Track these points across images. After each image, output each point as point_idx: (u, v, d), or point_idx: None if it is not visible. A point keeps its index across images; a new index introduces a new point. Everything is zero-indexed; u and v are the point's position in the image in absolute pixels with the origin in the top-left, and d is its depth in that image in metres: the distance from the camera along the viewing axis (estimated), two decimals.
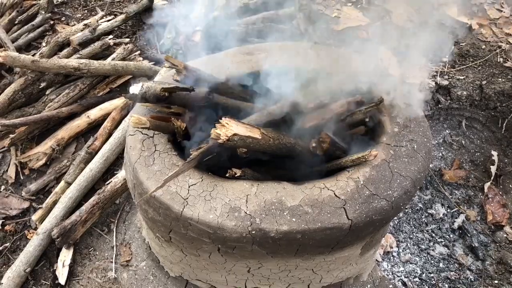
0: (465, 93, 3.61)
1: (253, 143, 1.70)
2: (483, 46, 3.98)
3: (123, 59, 3.84)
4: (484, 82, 3.62)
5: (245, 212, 1.69)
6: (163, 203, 1.75)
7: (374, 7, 4.29)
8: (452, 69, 3.78)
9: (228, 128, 1.62)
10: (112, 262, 2.70)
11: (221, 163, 1.92)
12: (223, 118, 1.64)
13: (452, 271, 2.96)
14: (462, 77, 3.69)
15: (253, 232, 1.66)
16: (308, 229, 1.67)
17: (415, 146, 1.96)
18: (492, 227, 3.25)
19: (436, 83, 3.63)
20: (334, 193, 1.77)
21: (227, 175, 1.84)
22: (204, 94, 2.06)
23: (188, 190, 1.77)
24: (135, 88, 1.84)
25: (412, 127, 2.05)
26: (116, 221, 2.92)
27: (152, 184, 1.79)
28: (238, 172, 1.82)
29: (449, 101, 3.64)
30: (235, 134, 1.62)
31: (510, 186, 3.44)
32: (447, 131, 3.75)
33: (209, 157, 1.84)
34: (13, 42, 3.94)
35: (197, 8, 3.95)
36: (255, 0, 4.19)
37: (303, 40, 3.64)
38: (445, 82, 3.64)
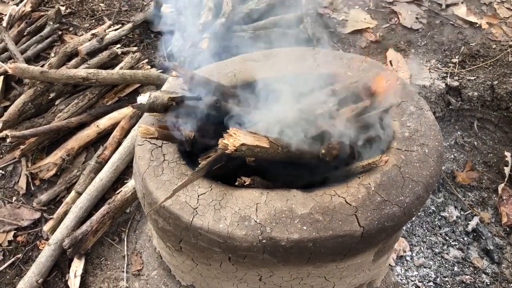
0: (476, 93, 3.57)
1: (262, 152, 1.68)
2: (494, 46, 3.93)
3: (131, 67, 3.85)
4: (495, 82, 3.58)
5: (255, 221, 1.67)
6: (173, 213, 1.74)
7: (382, 9, 4.27)
8: (462, 70, 3.74)
9: (235, 138, 1.61)
10: (123, 271, 2.70)
11: (230, 170, 1.91)
12: (230, 128, 1.63)
13: (467, 274, 2.92)
14: (472, 78, 3.65)
15: (264, 241, 1.64)
16: (320, 237, 1.65)
17: (427, 150, 1.93)
18: (507, 229, 3.20)
19: (446, 84, 3.60)
20: (345, 200, 1.75)
21: (236, 183, 1.82)
22: (212, 102, 2.05)
23: (198, 200, 1.75)
24: (142, 98, 1.84)
25: (423, 130, 2.02)
26: (127, 230, 2.91)
27: (161, 194, 1.79)
28: (248, 181, 1.80)
29: (460, 102, 3.60)
30: (242, 144, 1.60)
31: None
32: (458, 132, 3.71)
33: (217, 166, 1.83)
34: (22, 53, 3.97)
35: (204, 15, 3.95)
36: (261, 5, 4.19)
37: (311, 44, 3.64)
38: (456, 83, 3.60)
